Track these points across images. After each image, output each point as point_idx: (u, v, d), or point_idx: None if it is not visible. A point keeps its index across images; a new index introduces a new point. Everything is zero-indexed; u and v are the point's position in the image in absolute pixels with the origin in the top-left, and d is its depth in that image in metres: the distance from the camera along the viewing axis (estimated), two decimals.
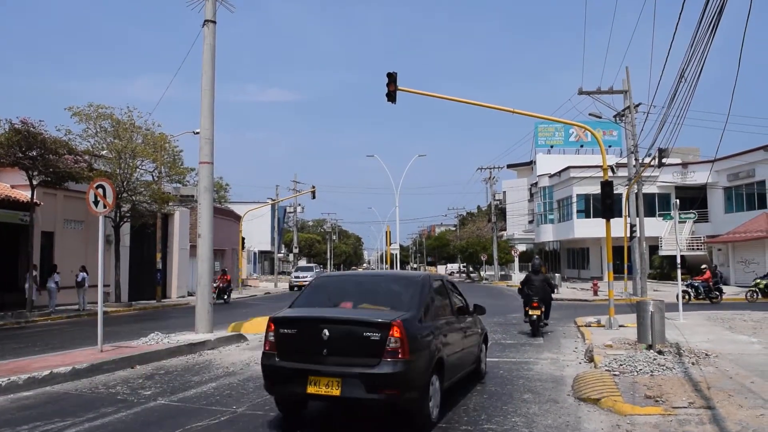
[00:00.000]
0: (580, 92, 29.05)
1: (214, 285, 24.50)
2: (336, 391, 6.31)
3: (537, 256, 26.39)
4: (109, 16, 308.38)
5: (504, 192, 73.48)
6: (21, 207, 23.71)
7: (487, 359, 10.63)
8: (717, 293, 25.59)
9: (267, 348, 6.92)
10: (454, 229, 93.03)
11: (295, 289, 45.71)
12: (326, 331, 6.46)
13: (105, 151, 26.41)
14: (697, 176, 45.75)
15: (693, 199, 41.47)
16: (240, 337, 14.80)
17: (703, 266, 27.50)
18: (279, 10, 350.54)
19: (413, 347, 6.45)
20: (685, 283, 28.11)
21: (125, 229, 28.65)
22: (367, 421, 7.32)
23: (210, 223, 15.47)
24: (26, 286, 22.36)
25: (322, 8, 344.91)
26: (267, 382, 6.97)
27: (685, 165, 47.57)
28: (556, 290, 20.22)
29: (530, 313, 15.40)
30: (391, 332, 6.33)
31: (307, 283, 47.14)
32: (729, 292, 31.38)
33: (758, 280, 29.55)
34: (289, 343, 6.78)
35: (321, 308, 7.34)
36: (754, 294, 28.40)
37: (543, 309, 15.78)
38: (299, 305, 7.61)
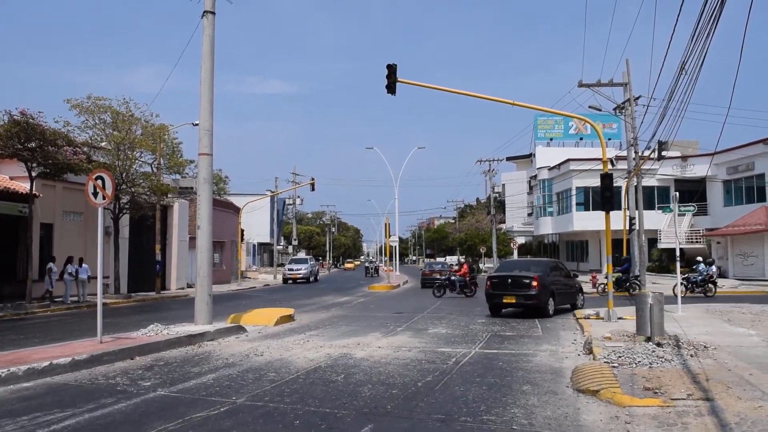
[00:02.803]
0: (580, 85, 28.98)
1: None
2: (513, 300, 17.98)
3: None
4: (110, 6, 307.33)
5: (503, 184, 73.47)
6: (20, 198, 23.68)
7: (487, 351, 11.38)
8: (712, 286, 25.59)
9: (488, 286, 18.70)
10: (453, 221, 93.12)
11: (289, 282, 44.75)
12: (509, 280, 18.18)
13: (104, 143, 26.34)
14: (697, 169, 45.72)
15: (692, 192, 41.47)
16: (239, 329, 14.82)
17: (698, 258, 27.58)
18: (279, 1, 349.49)
19: (541, 285, 17.54)
20: (682, 276, 28.23)
21: (124, 220, 28.63)
22: (524, 314, 17.70)
23: (209, 215, 15.46)
24: (45, 278, 23.25)
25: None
26: (488, 299, 18.69)
27: (684, 158, 47.55)
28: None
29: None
30: (533, 279, 17.50)
31: (300, 276, 47.11)
32: (727, 285, 31.46)
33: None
34: (495, 284, 18.47)
35: (505, 271, 19.13)
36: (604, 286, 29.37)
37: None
38: (498, 271, 20.35)
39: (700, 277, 25.79)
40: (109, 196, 12.25)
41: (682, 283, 26.15)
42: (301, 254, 57.79)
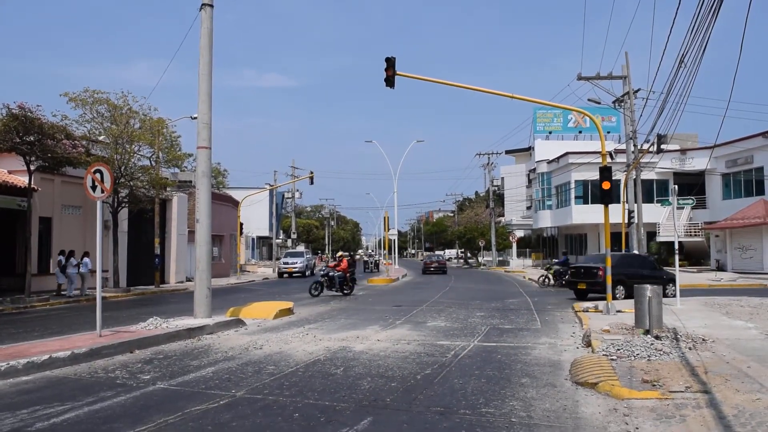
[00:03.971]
0: (579, 78, 28.96)
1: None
2: (584, 287, 21.59)
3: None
4: (107, 0, 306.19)
5: (502, 178, 73.52)
6: (18, 192, 23.67)
7: (486, 344, 11.49)
8: None
9: (570, 275, 23.17)
10: (452, 214, 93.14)
11: (285, 276, 43.67)
12: (582, 270, 22.05)
13: (102, 137, 26.30)
14: (696, 162, 45.71)
15: (691, 185, 41.46)
16: (239, 322, 14.83)
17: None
18: None
19: (605, 275, 16.79)
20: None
21: (123, 214, 28.61)
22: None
23: (208, 209, 15.45)
24: (57, 271, 23.62)
25: None
26: (568, 285, 23.44)
27: (683, 151, 47.51)
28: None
29: None
30: (598, 270, 20.13)
31: (296, 270, 46.52)
32: (725, 278, 31.52)
33: (550, 266, 31.74)
34: (573, 273, 22.87)
35: (582, 263, 23.28)
36: (546, 279, 30.21)
37: None
38: (577, 262, 24.80)
39: None
40: (108, 190, 12.25)
41: None
42: (300, 248, 57.56)
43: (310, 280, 28.88)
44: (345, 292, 24.78)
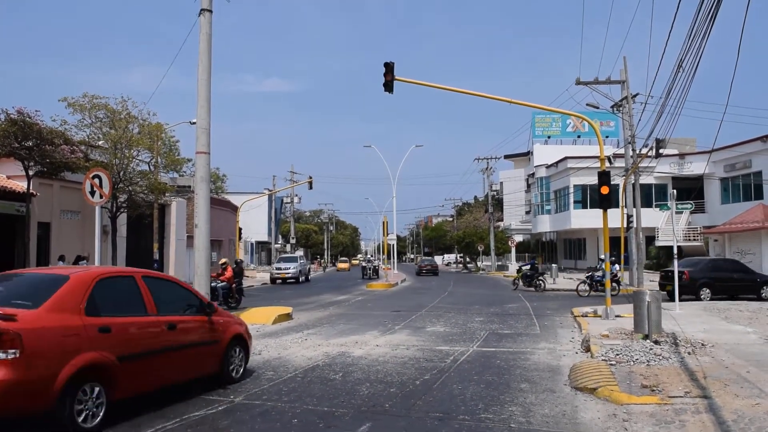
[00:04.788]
0: (578, 82, 28.98)
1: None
2: (670, 288, 19.59)
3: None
4: (106, 4, 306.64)
5: (501, 182, 73.53)
6: (17, 197, 23.63)
7: (485, 349, 11.51)
8: (616, 285, 25.42)
9: (660, 277, 23.80)
10: (451, 219, 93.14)
11: (278, 282, 41.44)
12: (669, 273, 20.36)
13: (101, 141, 26.29)
14: (694, 167, 45.79)
15: (690, 189, 41.50)
16: None
17: (602, 256, 27.60)
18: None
19: (691, 278, 21.49)
20: (586, 274, 28.64)
21: (122, 219, 28.57)
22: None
23: (207, 214, 15.44)
24: None
25: None
26: (660, 288, 21.75)
27: (682, 156, 47.60)
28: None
29: None
30: (683, 273, 20.50)
31: (289, 275, 45.10)
32: None
33: (520, 269, 32.30)
34: (663, 276, 23.18)
35: (670, 267, 20.12)
36: (515, 281, 30.88)
37: None
38: (668, 267, 24.16)
39: (605, 277, 25.47)
40: (107, 195, 12.25)
41: (585, 281, 26.30)
42: (299, 252, 57.42)
43: (310, 286, 28.62)
44: (231, 305, 20.46)
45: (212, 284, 19.05)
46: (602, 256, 27.30)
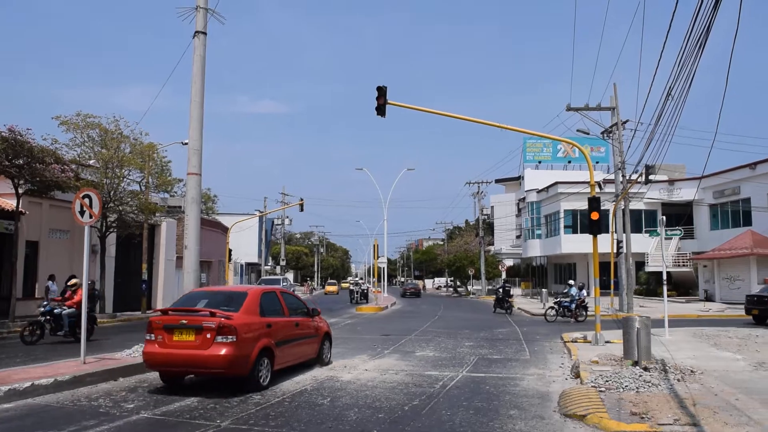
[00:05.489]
0: (569, 108, 29.22)
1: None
2: (756, 312, 22.95)
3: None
4: (101, 24, 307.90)
5: (492, 207, 73.74)
6: (6, 216, 23.48)
7: (474, 374, 11.51)
8: (583, 311, 25.49)
9: (746, 301, 24.03)
10: (441, 243, 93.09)
11: None
12: (755, 298, 23.67)
13: (92, 161, 26.23)
14: (684, 193, 46.12)
15: (679, 215, 41.78)
16: None
17: (570, 282, 27.74)
18: (273, 20, 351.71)
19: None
20: (554, 300, 28.51)
21: (111, 239, 28.43)
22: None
23: (197, 235, 15.38)
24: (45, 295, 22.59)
25: (316, 18, 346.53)
26: (746, 312, 23.81)
27: (671, 182, 47.96)
28: None
29: None
30: (765, 298, 22.91)
31: None
32: (714, 308, 31.59)
33: (497, 290, 33.60)
34: (749, 300, 23.77)
35: (755, 293, 24.78)
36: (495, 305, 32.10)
37: None
38: (753, 292, 25.38)
39: (573, 303, 25.56)
40: (96, 215, 12.18)
41: (552, 307, 26.34)
42: (289, 274, 57.13)
43: None
44: (78, 336, 15.20)
45: (56, 310, 17.19)
46: (570, 282, 27.57)
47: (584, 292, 26.37)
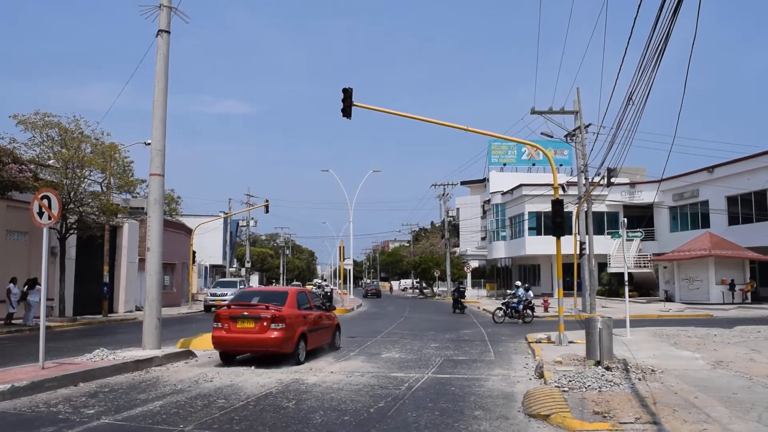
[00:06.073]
0: (533, 112, 29.58)
1: None
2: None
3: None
4: (61, 21, 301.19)
5: (457, 208, 74.24)
6: None
7: (439, 376, 11.39)
8: (530, 312, 25.95)
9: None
10: (407, 244, 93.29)
11: (213, 310, 32.49)
12: None
13: (52, 161, 25.64)
14: (644, 195, 47.05)
15: (640, 217, 42.60)
16: (189, 354, 14.48)
17: (517, 283, 28.40)
18: (237, 21, 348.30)
19: None
20: (502, 301, 29.05)
21: (71, 241, 27.83)
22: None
23: (160, 236, 15.15)
24: (12, 299, 22.70)
25: (282, 20, 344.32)
26: None
27: (632, 184, 48.88)
28: None
29: None
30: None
31: (225, 303, 41.39)
32: (674, 308, 32.26)
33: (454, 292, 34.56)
34: None
35: None
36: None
37: None
38: None
39: (520, 305, 25.97)
40: (55, 217, 11.91)
41: (500, 308, 26.84)
42: (254, 278, 56.65)
43: None
44: None
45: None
46: (517, 283, 28.06)
47: (530, 293, 26.76)
